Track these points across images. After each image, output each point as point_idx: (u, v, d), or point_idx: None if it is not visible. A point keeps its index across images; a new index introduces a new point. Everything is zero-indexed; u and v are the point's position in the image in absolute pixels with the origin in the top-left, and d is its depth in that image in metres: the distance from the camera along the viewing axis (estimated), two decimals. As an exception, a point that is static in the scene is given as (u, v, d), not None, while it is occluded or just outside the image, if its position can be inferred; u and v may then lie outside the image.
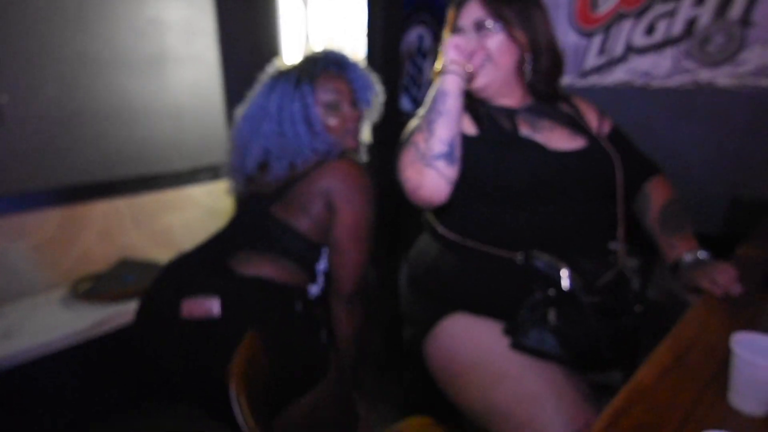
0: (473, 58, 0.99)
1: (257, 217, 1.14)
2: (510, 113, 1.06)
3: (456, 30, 1.05)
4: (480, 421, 0.93)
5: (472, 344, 0.95)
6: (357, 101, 1.23)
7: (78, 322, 1.85)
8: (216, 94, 2.52)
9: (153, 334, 1.07)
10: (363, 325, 1.17)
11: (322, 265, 1.15)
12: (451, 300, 1.02)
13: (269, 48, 2.60)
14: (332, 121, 1.16)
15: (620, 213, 1.06)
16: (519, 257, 0.97)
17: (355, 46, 2.15)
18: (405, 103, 2.19)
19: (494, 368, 0.91)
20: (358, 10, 2.16)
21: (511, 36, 1.00)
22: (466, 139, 1.01)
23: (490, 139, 1.02)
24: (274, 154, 1.14)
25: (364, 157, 1.30)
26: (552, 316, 0.90)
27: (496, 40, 1.00)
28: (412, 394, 1.19)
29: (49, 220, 2.10)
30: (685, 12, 1.43)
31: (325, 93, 1.16)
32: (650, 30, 1.51)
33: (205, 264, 1.10)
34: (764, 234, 1.23)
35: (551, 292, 0.92)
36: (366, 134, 1.34)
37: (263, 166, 1.18)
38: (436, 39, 2.07)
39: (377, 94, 1.27)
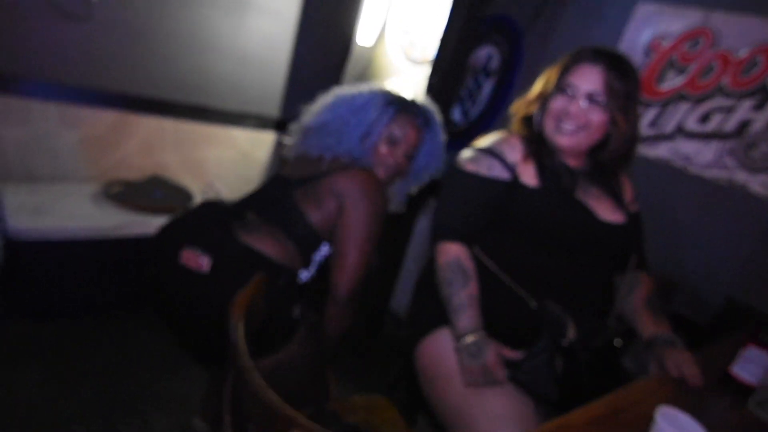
0: (576, 118, 1.06)
1: (281, 196, 1.24)
2: (572, 173, 1.12)
3: (566, 87, 1.07)
4: (446, 423, 1.03)
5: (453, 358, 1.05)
6: (413, 157, 1.34)
7: (102, 220, 1.99)
8: (284, 51, 2.62)
9: (160, 264, 1.20)
10: (350, 326, 1.25)
11: (318, 256, 1.25)
12: None
13: (345, 24, 2.69)
14: (383, 149, 1.28)
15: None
16: (533, 303, 1.06)
17: (427, 45, 2.22)
18: (456, 114, 2.27)
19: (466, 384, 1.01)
20: (439, 12, 2.23)
21: (612, 117, 1.06)
22: (526, 190, 1.08)
23: (549, 193, 1.08)
24: (325, 130, 1.26)
25: (398, 207, 1.42)
26: (559, 365, 1.00)
27: (601, 116, 1.06)
28: (395, 388, 1.30)
29: (103, 119, 2.24)
30: (742, 112, 1.48)
31: (398, 128, 1.27)
32: (704, 119, 1.56)
33: (212, 220, 1.21)
34: (737, 339, 1.29)
35: (564, 342, 1.01)
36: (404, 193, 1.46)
37: (316, 130, 1.30)
38: (503, 61, 2.14)
39: (435, 167, 1.39)
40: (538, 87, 1.16)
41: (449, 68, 1.91)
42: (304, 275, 1.24)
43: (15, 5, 1.88)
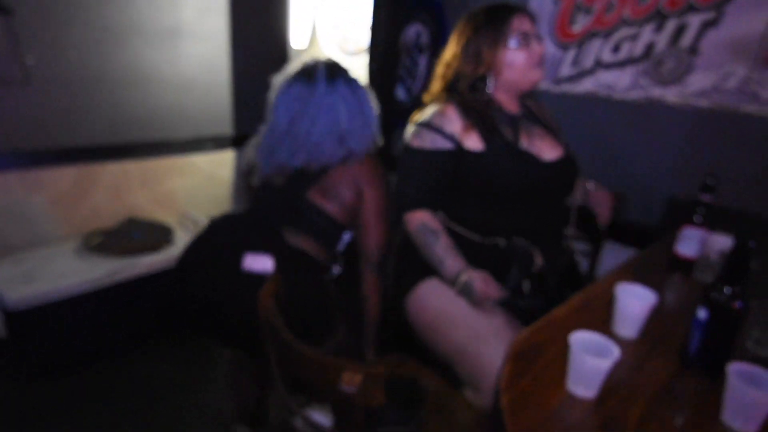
0: (540, 56, 1.24)
1: (294, 197, 1.34)
2: (512, 121, 1.28)
3: (519, 34, 1.22)
4: (444, 358, 1.19)
5: (440, 300, 1.21)
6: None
7: (92, 272, 2.05)
8: (223, 70, 2.69)
9: (206, 280, 1.28)
10: (381, 296, 1.39)
11: (341, 246, 1.39)
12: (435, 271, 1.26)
13: (276, 31, 2.78)
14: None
15: (573, 207, 1.33)
16: (501, 242, 1.23)
17: (359, 36, 2.35)
18: (400, 93, 2.41)
19: (453, 317, 1.17)
20: (363, 2, 2.35)
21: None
22: (472, 155, 1.21)
23: (495, 153, 1.21)
24: (325, 144, 1.34)
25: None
26: (527, 287, 1.18)
27: (543, 48, 1.25)
28: (390, 345, 1.45)
29: (65, 176, 2.28)
30: (645, 37, 1.68)
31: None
32: (616, 49, 1.75)
33: (260, 228, 1.34)
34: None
35: (531, 269, 1.20)
36: None
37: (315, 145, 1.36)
38: (432, 36, 2.29)
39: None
40: (453, 53, 1.28)
41: (385, 52, 2.04)
42: (336, 270, 1.41)
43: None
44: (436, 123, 1.25)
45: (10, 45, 1.99)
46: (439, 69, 1.34)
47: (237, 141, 2.85)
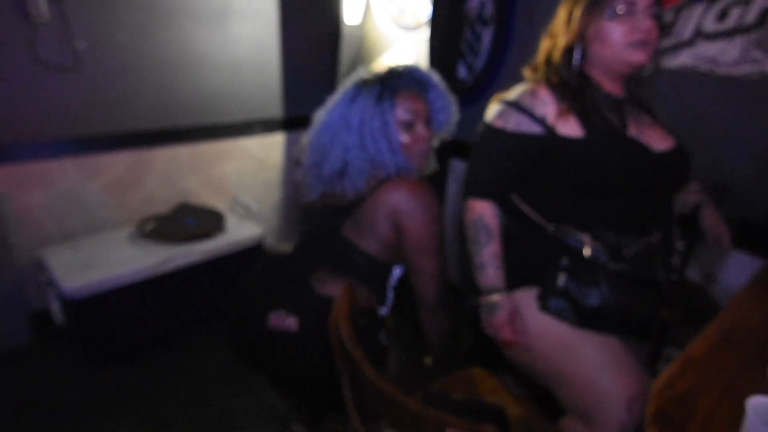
0: (646, 32, 1.01)
1: (329, 235, 1.18)
2: (617, 105, 1.09)
3: (626, 4, 1.01)
4: (540, 380, 1.05)
5: (533, 316, 1.07)
6: (432, 121, 1.24)
7: (147, 259, 2.03)
8: (273, 49, 2.58)
9: (244, 336, 1.22)
10: (449, 327, 1.23)
11: (392, 282, 1.23)
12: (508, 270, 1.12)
13: (329, 7, 2.64)
14: (405, 139, 1.16)
15: (680, 210, 1.14)
16: (550, 228, 1.07)
17: (416, 8, 2.17)
18: (461, 71, 2.23)
19: (555, 338, 1.03)
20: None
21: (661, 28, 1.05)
22: (569, 142, 1.04)
23: (598, 140, 1.04)
24: (354, 165, 1.14)
25: (432, 165, 1.29)
26: (561, 281, 1.01)
27: (657, 29, 1.03)
28: (469, 355, 1.32)
29: (118, 162, 2.26)
30: (760, 1, 1.43)
31: (404, 111, 1.16)
32: (722, 16, 1.51)
33: (289, 278, 1.19)
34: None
35: (564, 260, 1.02)
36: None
37: (341, 173, 1.18)
38: (497, 6, 2.08)
39: (453, 115, 1.27)
40: (561, 18, 1.11)
41: (447, 26, 1.86)
42: (383, 311, 1.23)
43: (4, 72, 1.88)
44: (526, 103, 1.08)
45: (61, 30, 1.94)
46: (542, 41, 1.17)
47: (287, 124, 2.75)
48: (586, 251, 1.02)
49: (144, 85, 2.23)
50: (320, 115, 1.23)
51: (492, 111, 1.14)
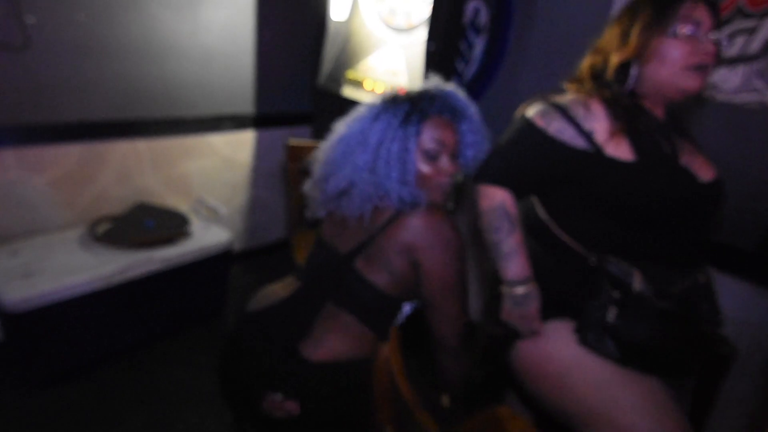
0: (707, 56, 0.95)
1: (342, 275, 1.07)
2: (665, 130, 1.03)
3: (691, 23, 0.95)
4: (567, 419, 0.98)
5: (571, 349, 0.99)
6: (459, 156, 1.11)
7: (101, 267, 1.80)
8: (247, 41, 2.39)
9: (238, 404, 1.10)
10: (468, 368, 1.13)
11: (400, 319, 1.12)
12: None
13: (313, 1, 2.48)
14: (425, 169, 1.04)
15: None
16: (593, 259, 1.01)
17: (410, 10, 2.06)
18: (453, 80, 2.15)
19: (591, 375, 0.96)
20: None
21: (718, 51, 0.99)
22: (618, 165, 0.97)
23: (649, 166, 0.98)
24: (359, 187, 1.02)
25: (449, 205, 1.16)
26: (611, 315, 0.96)
27: (716, 54, 0.97)
28: (485, 389, 1.23)
29: (68, 155, 2.00)
30: (765, 31, 1.44)
31: (430, 140, 1.04)
32: (726, 44, 1.51)
33: (281, 349, 1.05)
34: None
35: (615, 294, 0.96)
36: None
37: (344, 192, 1.06)
38: (492, 15, 2.02)
39: (484, 153, 1.13)
40: (608, 35, 1.05)
41: (447, 29, 1.77)
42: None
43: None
44: (576, 113, 1.00)
45: (8, 2, 1.68)
46: (587, 56, 1.10)
47: (258, 121, 2.57)
48: (637, 285, 0.95)
49: (102, 71, 1.98)
50: (339, 127, 1.10)
51: (535, 108, 1.06)
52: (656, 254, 1.00)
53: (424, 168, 1.04)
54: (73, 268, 1.78)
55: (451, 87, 1.11)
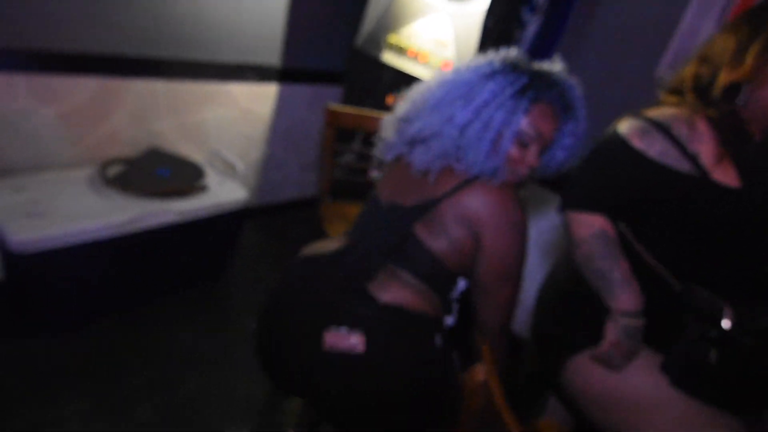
0: None
1: (398, 234, 0.99)
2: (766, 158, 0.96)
3: None
4: None
5: (649, 382, 0.95)
6: (546, 152, 1.03)
7: (112, 214, 1.70)
8: (283, -15, 2.22)
9: (289, 360, 1.00)
10: (503, 356, 1.08)
11: (455, 294, 1.05)
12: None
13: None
14: (512, 151, 0.96)
15: None
16: (678, 286, 0.96)
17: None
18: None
19: (676, 413, 0.92)
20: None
21: None
22: (722, 191, 0.91)
23: (758, 195, 0.92)
24: (441, 141, 0.95)
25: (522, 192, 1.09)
26: (713, 357, 0.92)
27: None
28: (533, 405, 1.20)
29: (82, 88, 1.86)
30: None
31: (530, 126, 0.95)
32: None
33: (346, 286, 0.98)
34: None
35: (713, 332, 0.92)
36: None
37: (423, 140, 0.98)
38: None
39: (570, 161, 1.06)
40: (718, 46, 0.96)
41: (507, 6, 1.65)
42: (449, 321, 1.05)
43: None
44: (680, 132, 0.93)
45: None
46: (691, 64, 1.00)
47: (283, 75, 2.43)
48: (726, 323, 0.91)
49: (126, 1, 1.81)
50: (446, 73, 1.01)
51: (631, 125, 0.98)
52: (746, 285, 0.96)
53: (512, 150, 0.97)
54: (83, 212, 1.67)
55: (574, 80, 1.01)
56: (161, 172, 1.95)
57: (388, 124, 1.08)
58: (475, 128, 0.93)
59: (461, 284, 1.04)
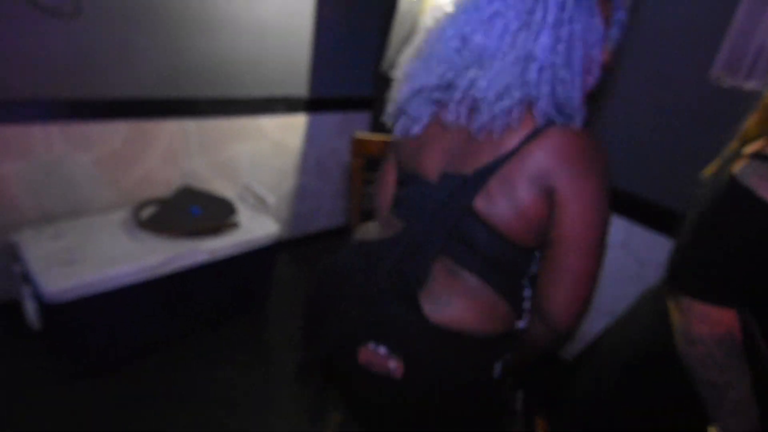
0: None
1: (458, 208, 0.80)
2: None
3: None
4: None
5: None
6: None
7: (145, 257, 1.69)
8: (307, 16, 2.21)
9: (333, 359, 0.89)
10: (557, 351, 0.93)
11: (529, 276, 0.84)
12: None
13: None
14: (605, 58, 0.80)
15: None
16: None
17: None
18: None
19: None
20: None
21: None
22: None
23: None
24: (517, 89, 0.74)
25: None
26: None
27: None
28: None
29: (115, 133, 1.88)
30: None
31: (602, 21, 0.77)
32: None
33: (392, 288, 0.82)
34: None
35: None
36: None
37: (499, 96, 0.75)
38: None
39: (620, 37, 0.86)
40: None
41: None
42: (521, 325, 0.86)
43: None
44: None
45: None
46: None
47: (311, 105, 2.40)
48: None
49: (152, 45, 1.84)
50: (460, 4, 0.81)
51: (752, 169, 0.77)
52: None
53: (604, 56, 0.79)
54: (117, 256, 1.67)
55: None
56: (193, 210, 1.94)
57: (401, 99, 0.89)
58: (561, 54, 0.73)
59: (533, 268, 0.85)
